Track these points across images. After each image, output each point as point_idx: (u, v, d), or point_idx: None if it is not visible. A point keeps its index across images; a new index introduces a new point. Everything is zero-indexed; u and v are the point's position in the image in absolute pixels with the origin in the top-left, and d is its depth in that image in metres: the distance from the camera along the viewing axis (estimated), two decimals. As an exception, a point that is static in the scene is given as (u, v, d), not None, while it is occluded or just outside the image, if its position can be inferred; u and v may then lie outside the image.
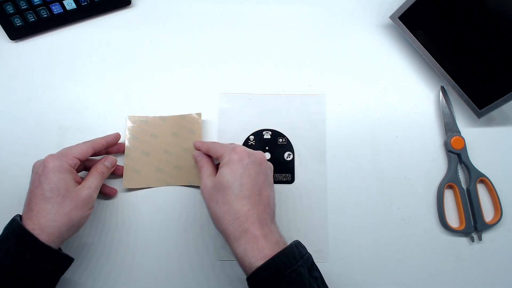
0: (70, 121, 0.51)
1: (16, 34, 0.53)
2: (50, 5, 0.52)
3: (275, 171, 0.45)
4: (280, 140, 0.50)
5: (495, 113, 0.51)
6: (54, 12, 0.52)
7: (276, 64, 0.53)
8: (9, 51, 0.53)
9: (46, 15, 0.52)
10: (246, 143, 0.50)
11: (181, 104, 0.52)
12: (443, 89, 0.52)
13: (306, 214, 0.49)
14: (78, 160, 0.43)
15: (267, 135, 0.50)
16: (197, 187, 0.49)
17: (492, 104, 0.49)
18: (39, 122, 0.51)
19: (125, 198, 0.49)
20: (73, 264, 0.42)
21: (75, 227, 0.42)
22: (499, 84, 0.48)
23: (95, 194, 0.44)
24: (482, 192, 0.50)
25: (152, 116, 0.51)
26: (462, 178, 0.51)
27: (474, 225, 0.49)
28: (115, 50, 0.53)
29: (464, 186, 0.50)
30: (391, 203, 0.50)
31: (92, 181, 0.43)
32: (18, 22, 0.52)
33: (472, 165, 0.50)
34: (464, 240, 0.49)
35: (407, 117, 0.52)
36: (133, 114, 0.51)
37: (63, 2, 0.52)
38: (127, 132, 0.50)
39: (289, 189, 0.50)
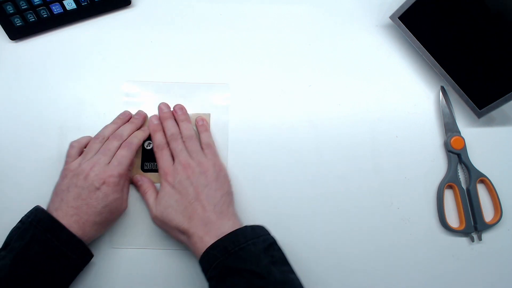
0: (70, 121, 0.51)
1: (16, 34, 0.53)
2: (50, 5, 0.52)
3: None
4: None
5: (495, 113, 0.51)
6: (54, 12, 0.52)
7: (276, 64, 0.53)
8: (9, 51, 0.53)
9: (46, 15, 0.52)
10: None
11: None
12: (443, 89, 0.52)
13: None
14: None
15: None
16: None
17: (492, 104, 0.49)
18: (39, 122, 0.51)
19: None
20: None
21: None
22: (499, 84, 0.48)
23: None
24: (482, 192, 0.50)
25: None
26: (462, 178, 0.51)
27: (474, 225, 0.49)
28: (115, 50, 0.53)
29: (464, 186, 0.50)
30: (391, 203, 0.50)
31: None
32: (18, 22, 0.52)
33: (472, 165, 0.50)
34: (464, 240, 0.49)
35: (407, 117, 0.52)
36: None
37: (63, 2, 0.52)
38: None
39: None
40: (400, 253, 0.49)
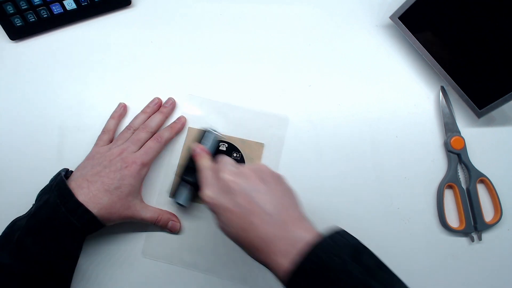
0: (70, 121, 0.51)
1: (16, 34, 0.53)
2: (50, 5, 0.52)
3: None
4: (235, 154, 0.50)
5: (495, 113, 0.51)
6: (54, 12, 0.52)
7: (276, 64, 0.53)
8: (9, 51, 0.53)
9: (46, 15, 0.52)
10: None
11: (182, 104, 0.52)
12: (443, 89, 0.52)
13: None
14: None
15: (222, 147, 0.50)
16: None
17: (492, 104, 0.49)
18: (39, 122, 0.51)
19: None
20: None
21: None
22: (499, 84, 0.48)
23: None
24: (482, 192, 0.50)
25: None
26: (462, 178, 0.51)
27: (474, 225, 0.49)
28: (115, 50, 0.53)
29: (464, 186, 0.50)
30: (391, 203, 0.50)
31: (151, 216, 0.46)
32: (18, 22, 0.52)
33: (472, 165, 0.50)
34: (464, 240, 0.49)
35: (407, 117, 0.52)
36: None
37: (63, 2, 0.52)
38: (184, 143, 0.50)
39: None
40: (400, 253, 0.49)
